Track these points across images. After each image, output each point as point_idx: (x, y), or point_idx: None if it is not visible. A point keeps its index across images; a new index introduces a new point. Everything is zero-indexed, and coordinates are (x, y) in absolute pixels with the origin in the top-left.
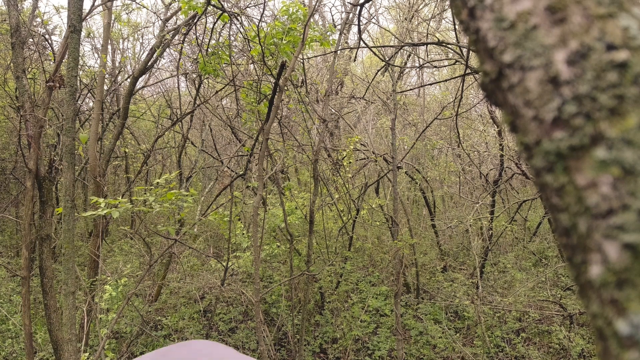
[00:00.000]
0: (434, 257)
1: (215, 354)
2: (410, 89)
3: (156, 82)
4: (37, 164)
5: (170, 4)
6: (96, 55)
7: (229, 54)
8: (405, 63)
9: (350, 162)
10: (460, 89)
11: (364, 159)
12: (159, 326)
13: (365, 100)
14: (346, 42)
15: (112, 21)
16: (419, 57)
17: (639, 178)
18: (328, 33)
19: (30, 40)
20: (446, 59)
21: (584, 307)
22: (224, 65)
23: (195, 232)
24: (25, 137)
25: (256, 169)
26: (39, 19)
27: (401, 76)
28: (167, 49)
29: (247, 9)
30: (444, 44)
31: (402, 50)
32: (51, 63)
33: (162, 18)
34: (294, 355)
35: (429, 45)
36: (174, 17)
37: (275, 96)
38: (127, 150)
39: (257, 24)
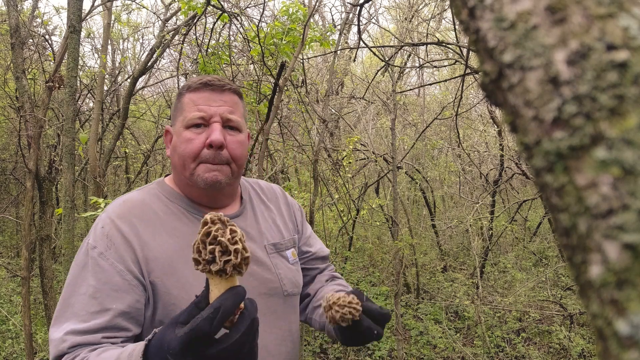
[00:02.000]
0: (434, 257)
1: None
2: (410, 89)
3: (156, 83)
4: (37, 164)
5: (170, 4)
6: (96, 55)
7: (229, 54)
8: (405, 63)
9: (350, 162)
10: (460, 89)
11: (364, 159)
12: None
13: (365, 100)
14: (346, 42)
15: (112, 21)
16: (419, 57)
17: (639, 178)
18: (328, 33)
19: (30, 40)
20: (446, 59)
21: (584, 307)
22: (224, 65)
23: None
24: (25, 137)
25: (256, 169)
26: (38, 20)
27: (401, 76)
28: (167, 49)
29: (247, 9)
30: (444, 44)
31: (402, 50)
32: (51, 63)
33: (162, 18)
34: None
35: (429, 45)
36: (174, 18)
37: (275, 96)
38: (127, 150)
39: (257, 24)
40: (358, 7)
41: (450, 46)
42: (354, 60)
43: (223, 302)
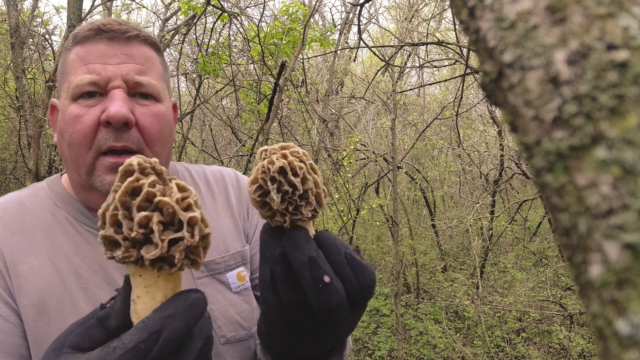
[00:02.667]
0: (434, 257)
1: None
2: (410, 89)
3: None
4: (37, 164)
5: (170, 4)
6: None
7: (229, 54)
8: (405, 63)
9: (350, 162)
10: (460, 88)
11: (364, 159)
12: None
13: (365, 100)
14: (346, 42)
15: None
16: (419, 57)
17: (639, 178)
18: (328, 33)
19: (30, 40)
20: (446, 59)
21: (584, 307)
22: (224, 65)
23: None
24: (25, 137)
25: None
26: (38, 19)
27: (401, 76)
28: (167, 49)
29: (247, 9)
30: (444, 44)
31: (402, 50)
32: (51, 63)
33: (162, 18)
34: None
35: (429, 45)
36: (174, 17)
37: (275, 96)
38: None
39: (257, 24)
40: (358, 7)
41: (450, 46)
42: (354, 60)
43: (167, 321)
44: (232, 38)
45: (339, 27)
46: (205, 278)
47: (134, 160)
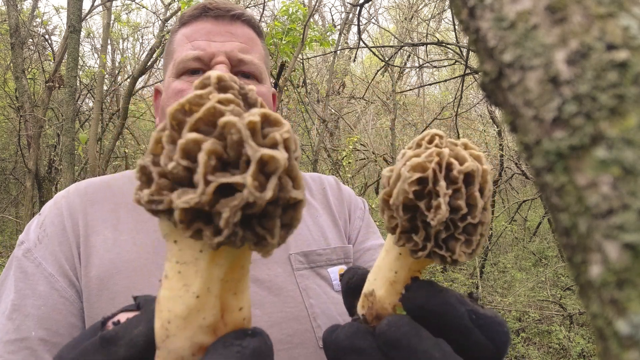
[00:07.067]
0: None
1: None
2: (410, 89)
3: (156, 82)
4: (37, 164)
5: (170, 4)
6: (96, 55)
7: None
8: (405, 63)
9: (350, 162)
10: (460, 89)
11: (364, 159)
12: None
13: (365, 100)
14: (346, 42)
15: (111, 21)
16: (418, 57)
17: (639, 178)
18: (328, 33)
19: (30, 40)
20: (446, 59)
21: (584, 307)
22: None
23: None
24: (25, 137)
25: None
26: (38, 19)
27: (401, 76)
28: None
29: (247, 9)
30: (444, 44)
31: (401, 51)
32: (51, 63)
33: (161, 18)
34: None
35: (428, 46)
36: (174, 17)
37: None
38: (127, 150)
39: None
40: (358, 7)
41: (449, 46)
42: (354, 60)
43: None
44: None
45: (338, 27)
46: (305, 270)
47: (215, 72)
